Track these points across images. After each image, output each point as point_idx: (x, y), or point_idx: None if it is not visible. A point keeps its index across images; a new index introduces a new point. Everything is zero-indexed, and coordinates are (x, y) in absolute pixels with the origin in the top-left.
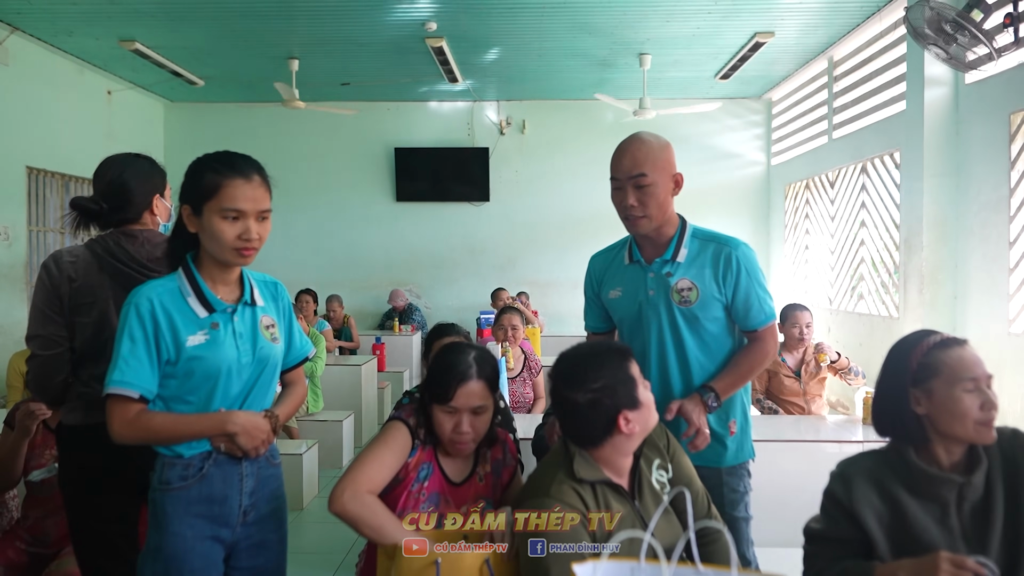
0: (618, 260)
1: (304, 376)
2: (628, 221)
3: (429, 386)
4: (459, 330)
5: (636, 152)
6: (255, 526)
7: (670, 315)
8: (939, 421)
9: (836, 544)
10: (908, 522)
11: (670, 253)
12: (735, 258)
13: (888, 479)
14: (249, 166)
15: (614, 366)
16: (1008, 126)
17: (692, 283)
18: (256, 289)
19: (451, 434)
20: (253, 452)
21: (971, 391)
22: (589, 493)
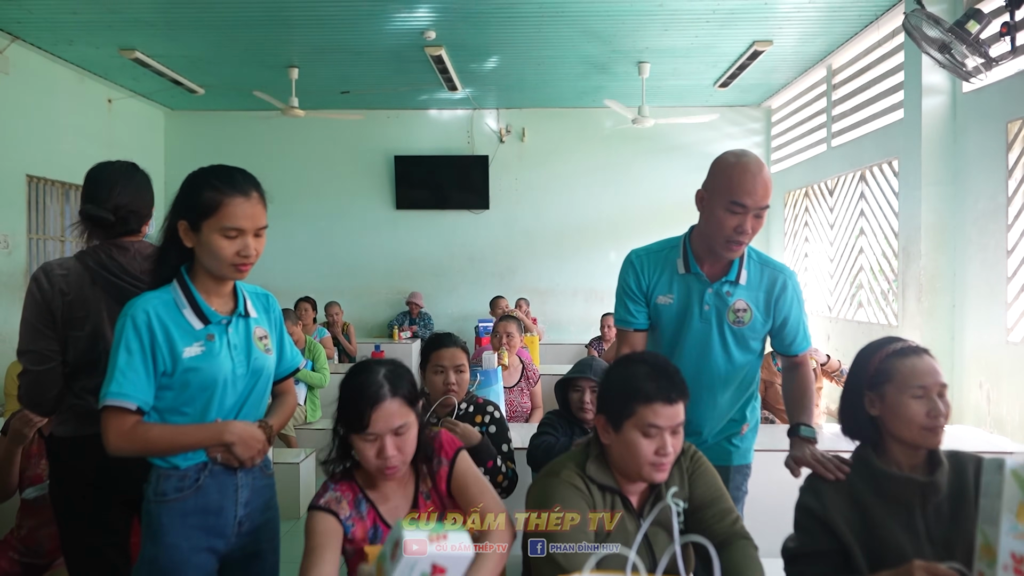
0: (670, 266)
1: (294, 386)
2: (728, 244)
3: (343, 415)
4: (457, 340)
5: (767, 181)
6: (249, 536)
7: (720, 332)
8: (890, 424)
9: (815, 558)
10: (876, 525)
11: (734, 274)
12: (789, 286)
13: (855, 485)
14: (248, 183)
15: (632, 384)
16: (1005, 135)
17: (748, 305)
18: (249, 301)
19: (377, 462)
20: (249, 462)
21: (919, 397)
22: (598, 494)
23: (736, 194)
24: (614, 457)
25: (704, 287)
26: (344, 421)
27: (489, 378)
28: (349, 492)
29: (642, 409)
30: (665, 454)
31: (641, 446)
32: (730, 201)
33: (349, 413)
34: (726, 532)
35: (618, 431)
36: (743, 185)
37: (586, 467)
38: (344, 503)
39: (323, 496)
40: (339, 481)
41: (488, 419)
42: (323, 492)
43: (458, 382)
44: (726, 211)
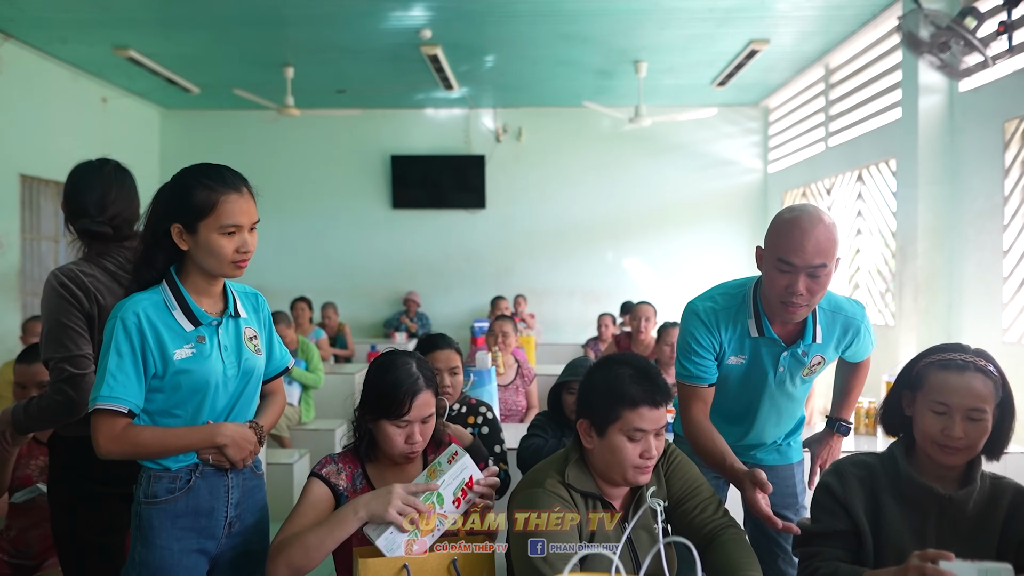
0: (741, 327)
1: (283, 386)
2: (784, 307)
3: (379, 403)
4: (451, 342)
5: (821, 239)
6: (239, 537)
7: (792, 384)
8: (915, 429)
9: (831, 538)
10: (886, 522)
11: (810, 336)
12: (863, 330)
13: (877, 480)
14: (237, 178)
15: (616, 388)
16: (1002, 134)
17: (823, 357)
18: (239, 301)
19: (404, 447)
20: (241, 463)
21: (940, 414)
22: (580, 501)
23: (782, 251)
24: (597, 462)
25: (779, 350)
26: (378, 408)
27: (483, 378)
28: (351, 466)
29: (628, 413)
30: (650, 457)
31: (626, 450)
32: (777, 259)
33: (386, 401)
34: (712, 523)
35: (602, 436)
36: (790, 242)
37: (566, 474)
38: (343, 475)
39: (325, 466)
40: (343, 454)
41: (481, 420)
42: (325, 463)
43: (452, 384)
44: (775, 269)
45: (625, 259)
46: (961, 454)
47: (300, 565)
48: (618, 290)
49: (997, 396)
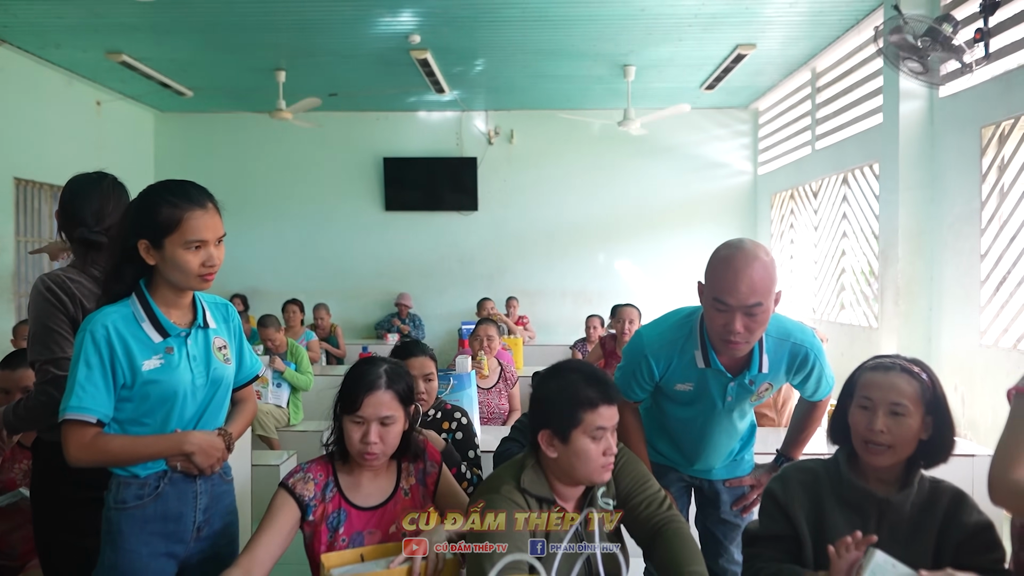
0: (687, 357)
1: (254, 393)
2: (724, 343)
3: (340, 398)
4: (426, 349)
5: (755, 278)
6: (208, 541)
7: (740, 410)
8: (851, 432)
9: (772, 542)
10: (828, 527)
11: (756, 367)
12: (811, 357)
13: (820, 484)
14: (202, 195)
15: (573, 393)
16: (979, 139)
17: (770, 384)
18: (208, 312)
19: (359, 444)
20: (209, 470)
21: (865, 408)
22: (535, 505)
23: (717, 291)
24: (561, 468)
25: (726, 381)
26: (340, 403)
27: (462, 382)
28: (322, 474)
29: (589, 415)
30: (611, 453)
31: (591, 451)
32: (713, 298)
33: (345, 395)
34: (658, 517)
35: (566, 442)
36: (724, 282)
37: (521, 479)
38: (311, 484)
39: (293, 475)
40: (316, 462)
41: (455, 425)
42: (295, 471)
43: (427, 390)
44: (712, 308)
45: (616, 261)
46: (886, 453)
47: None
48: (610, 292)
49: (924, 398)
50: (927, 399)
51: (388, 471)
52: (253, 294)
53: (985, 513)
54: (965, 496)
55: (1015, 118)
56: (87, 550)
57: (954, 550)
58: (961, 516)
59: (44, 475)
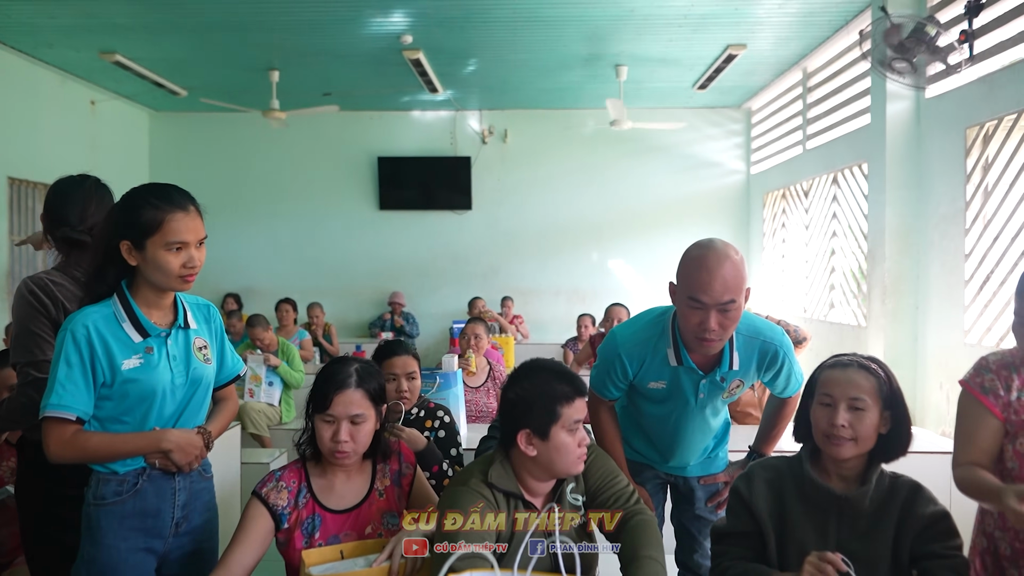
0: (660, 356)
1: (235, 392)
2: (699, 341)
3: (311, 398)
4: (409, 348)
5: (728, 276)
6: (187, 536)
7: (713, 407)
8: (813, 429)
9: (738, 538)
10: (790, 524)
11: (727, 364)
12: (781, 354)
13: (784, 482)
14: (184, 197)
15: (548, 391)
16: (964, 140)
17: (741, 380)
18: (189, 312)
19: (329, 443)
20: (187, 467)
21: (826, 405)
22: (503, 500)
23: (692, 290)
24: (541, 464)
25: (698, 378)
26: (311, 402)
27: (448, 381)
28: (294, 480)
29: (566, 409)
30: (585, 443)
31: (569, 444)
32: (688, 297)
33: (316, 394)
34: (627, 512)
35: (546, 438)
36: (698, 281)
37: (489, 474)
38: (284, 492)
39: (266, 484)
40: (288, 468)
41: (438, 424)
42: (268, 479)
43: (410, 389)
44: (687, 307)
45: (610, 260)
46: (847, 445)
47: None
48: (603, 290)
49: (882, 393)
50: (884, 394)
51: (362, 472)
52: (247, 293)
53: (941, 503)
54: (921, 488)
55: (998, 119)
56: (70, 546)
57: (911, 541)
58: (917, 508)
59: (28, 472)
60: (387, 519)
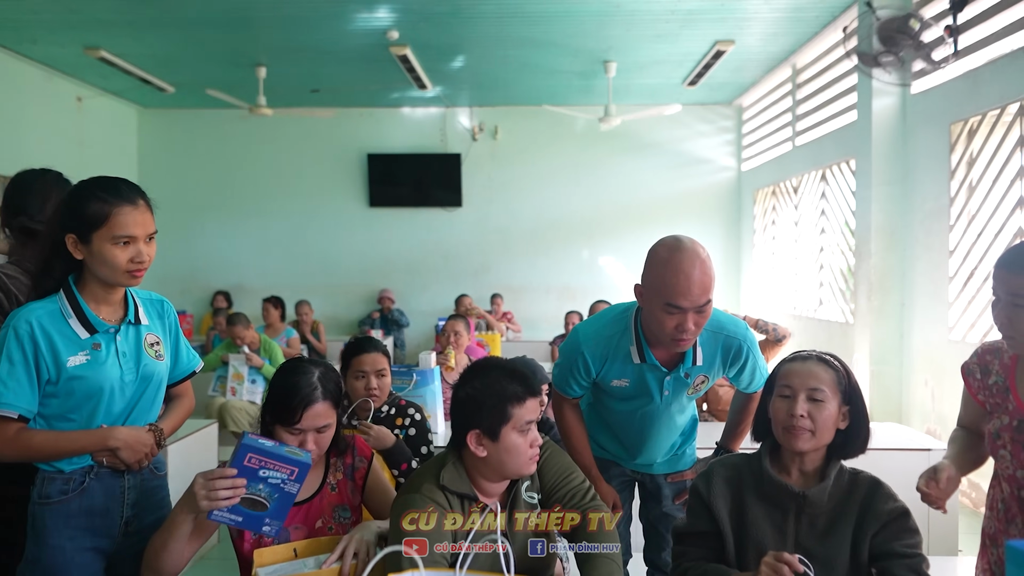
0: (622, 353)
1: (191, 390)
2: (674, 342)
3: (273, 408)
4: (379, 345)
5: (704, 277)
6: (138, 536)
7: (678, 404)
8: (773, 423)
9: (698, 538)
10: (749, 522)
11: (690, 360)
12: (745, 348)
13: (743, 479)
14: (133, 191)
15: (499, 391)
16: (948, 136)
17: (706, 376)
18: (141, 308)
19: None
20: (136, 465)
21: (785, 396)
22: (456, 503)
23: (669, 296)
24: (491, 465)
25: (662, 375)
26: (274, 413)
27: (426, 378)
28: None
29: (517, 410)
30: (538, 444)
31: (520, 445)
32: (665, 303)
33: (280, 408)
34: (583, 508)
35: (496, 439)
36: (676, 287)
37: (441, 476)
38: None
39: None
40: None
41: (408, 422)
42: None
43: (379, 386)
44: (663, 312)
45: (600, 257)
46: (806, 436)
47: (156, 568)
48: (593, 287)
49: (840, 386)
50: (843, 388)
51: (315, 466)
52: (237, 291)
53: (901, 500)
54: (880, 484)
55: (982, 114)
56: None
57: (870, 539)
58: (876, 504)
59: None
60: (338, 513)
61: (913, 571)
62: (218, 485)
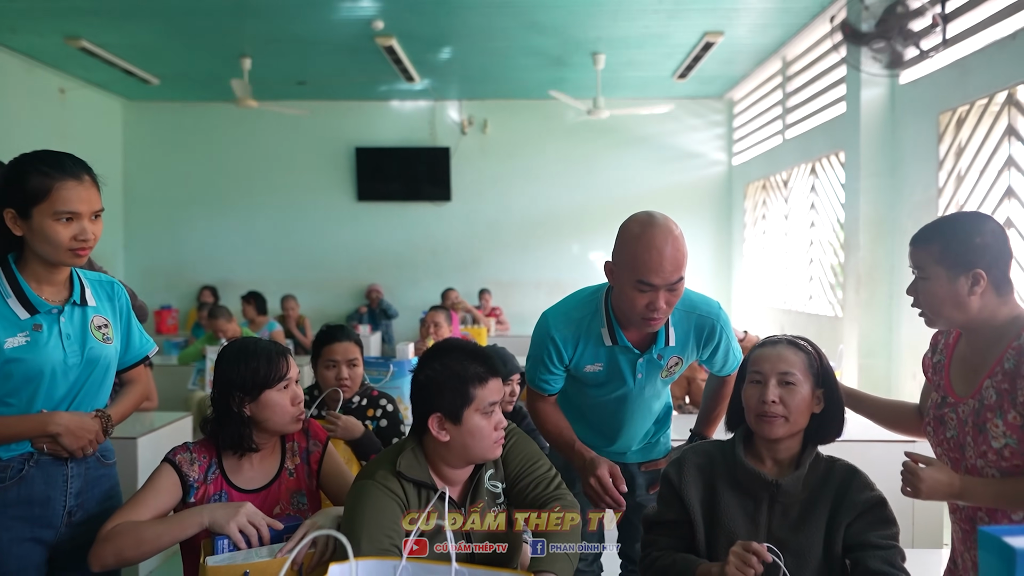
0: (593, 336)
1: (146, 376)
2: (645, 321)
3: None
4: (351, 334)
5: (677, 254)
6: (82, 526)
7: (652, 388)
8: (745, 410)
9: (668, 528)
10: (721, 511)
11: (663, 340)
12: (718, 328)
13: (716, 467)
14: (78, 166)
15: (460, 371)
16: (937, 126)
17: (679, 358)
18: (88, 289)
19: (292, 408)
20: (79, 452)
21: (756, 382)
22: (413, 491)
23: (641, 273)
24: (454, 450)
25: (635, 357)
26: (254, 383)
27: (403, 368)
28: (205, 456)
29: (480, 391)
30: (502, 426)
31: (484, 428)
32: (637, 280)
33: (266, 370)
34: (545, 496)
35: (459, 422)
36: (648, 263)
37: (399, 462)
38: (196, 465)
39: (179, 452)
40: (201, 443)
41: (380, 413)
42: (180, 450)
43: (351, 376)
44: (634, 290)
45: (591, 252)
46: (779, 423)
47: (129, 557)
48: (584, 282)
49: (812, 369)
50: (815, 371)
51: (272, 452)
52: (224, 286)
53: (878, 489)
54: (857, 473)
55: (971, 103)
56: None
57: (845, 529)
58: (852, 494)
59: None
60: (296, 499)
61: (887, 563)
62: (258, 523)
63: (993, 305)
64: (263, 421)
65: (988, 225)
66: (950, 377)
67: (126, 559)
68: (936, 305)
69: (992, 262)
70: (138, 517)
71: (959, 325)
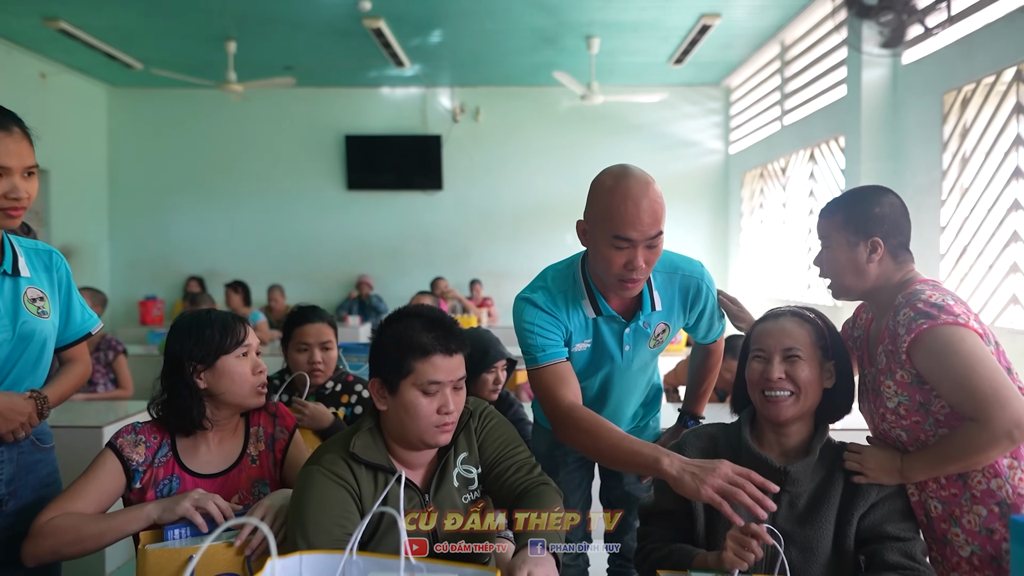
0: (575, 310)
1: (87, 354)
2: (622, 283)
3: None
4: (324, 315)
5: (654, 205)
6: (16, 515)
7: (640, 360)
8: (749, 389)
9: (665, 518)
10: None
11: (648, 305)
12: (703, 288)
13: (719, 452)
14: (6, 117)
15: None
16: (941, 106)
17: (666, 324)
18: (22, 258)
19: (254, 378)
20: (10, 436)
21: (760, 359)
22: (366, 476)
23: (618, 227)
24: (392, 424)
25: (621, 327)
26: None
27: None
28: (156, 436)
29: (420, 365)
30: (448, 412)
31: (421, 406)
32: (613, 236)
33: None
34: (524, 482)
35: (395, 393)
36: (625, 216)
37: (353, 443)
38: (142, 447)
39: (123, 435)
40: (151, 423)
41: (355, 399)
42: (127, 431)
43: (324, 360)
44: (611, 247)
45: None
46: (787, 403)
47: (68, 554)
48: None
49: (820, 343)
50: (823, 344)
51: (234, 435)
52: (210, 276)
53: None
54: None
55: (976, 81)
56: None
57: (859, 521)
58: (864, 484)
59: None
60: (257, 488)
61: (907, 555)
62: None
63: (890, 272)
64: (221, 393)
65: (887, 197)
66: (868, 352)
67: (64, 556)
68: (839, 272)
69: (890, 231)
70: (76, 507)
71: (861, 294)
